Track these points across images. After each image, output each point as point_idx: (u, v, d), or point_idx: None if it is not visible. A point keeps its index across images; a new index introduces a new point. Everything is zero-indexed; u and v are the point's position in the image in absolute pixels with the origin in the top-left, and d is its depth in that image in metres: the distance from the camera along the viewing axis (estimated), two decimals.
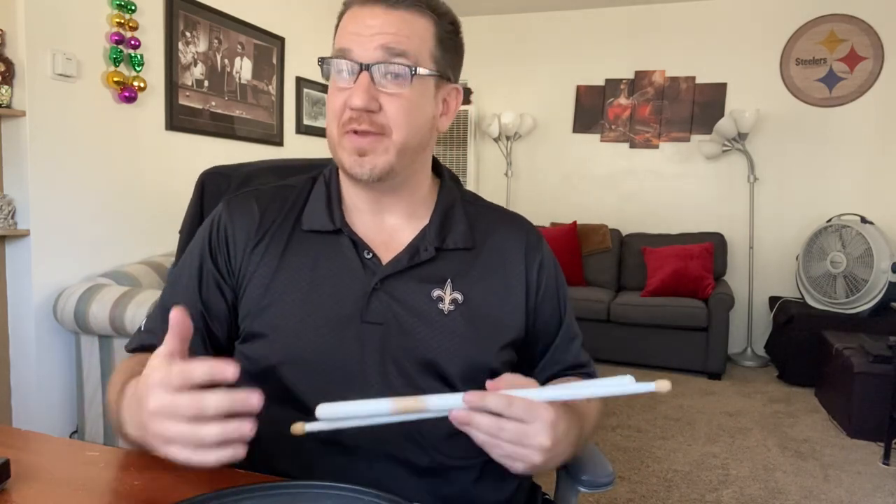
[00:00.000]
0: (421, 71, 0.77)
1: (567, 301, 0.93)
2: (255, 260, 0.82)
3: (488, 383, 0.66)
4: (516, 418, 0.63)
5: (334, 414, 0.64)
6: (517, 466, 0.66)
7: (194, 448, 0.56)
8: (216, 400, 0.55)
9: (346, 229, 0.83)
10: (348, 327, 0.78)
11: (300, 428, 0.64)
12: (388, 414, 0.64)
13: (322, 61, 0.79)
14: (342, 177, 0.86)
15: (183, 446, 0.56)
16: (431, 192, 0.89)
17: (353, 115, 0.76)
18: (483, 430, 0.63)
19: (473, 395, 0.62)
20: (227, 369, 0.55)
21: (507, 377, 0.66)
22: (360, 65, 0.75)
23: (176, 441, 0.56)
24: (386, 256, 0.82)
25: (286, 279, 0.81)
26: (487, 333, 0.82)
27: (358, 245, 0.82)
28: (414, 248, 0.83)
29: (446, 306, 0.81)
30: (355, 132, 0.76)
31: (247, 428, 0.55)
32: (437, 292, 0.81)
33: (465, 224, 0.87)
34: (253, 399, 0.56)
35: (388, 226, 0.85)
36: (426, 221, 0.85)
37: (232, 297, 0.83)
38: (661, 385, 0.60)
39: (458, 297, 0.81)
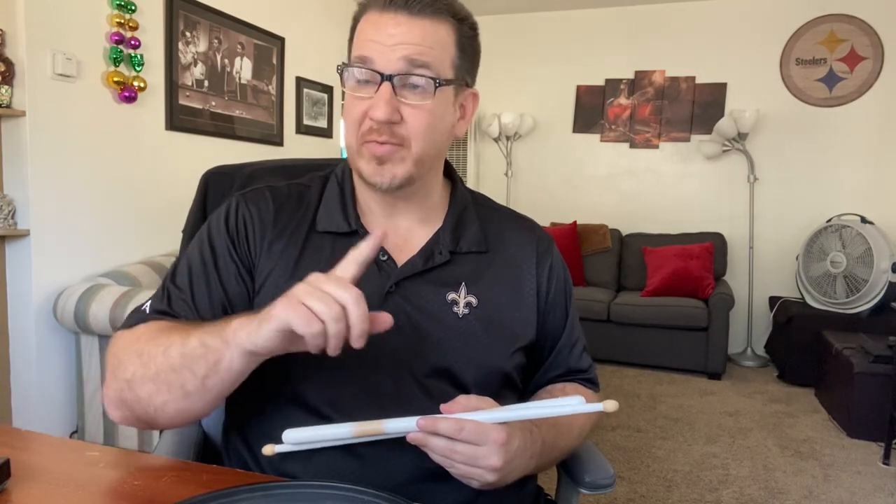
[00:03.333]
0: (444, 82, 0.75)
1: (573, 305, 0.93)
2: (272, 258, 0.81)
3: (442, 406, 0.68)
4: (467, 442, 0.65)
5: (299, 439, 0.69)
6: (472, 483, 0.69)
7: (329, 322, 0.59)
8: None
9: (362, 230, 0.82)
10: None
11: (270, 450, 0.68)
12: (350, 437, 0.69)
13: (342, 68, 0.77)
14: (356, 179, 0.85)
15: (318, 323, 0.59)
16: (444, 195, 0.88)
17: (373, 126, 0.75)
18: (437, 452, 0.66)
19: (426, 420, 0.65)
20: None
21: (461, 399, 0.69)
22: (382, 75, 0.73)
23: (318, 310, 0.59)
24: (400, 259, 0.81)
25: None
26: (501, 337, 0.82)
27: None
28: (428, 250, 0.82)
29: (461, 310, 0.80)
30: (375, 141, 0.75)
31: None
32: (451, 295, 0.81)
33: (477, 227, 0.86)
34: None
35: (402, 228, 0.84)
36: (439, 224, 0.85)
37: (251, 287, 0.81)
38: (609, 405, 0.64)
39: (473, 300, 0.81)
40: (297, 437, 0.69)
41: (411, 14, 0.74)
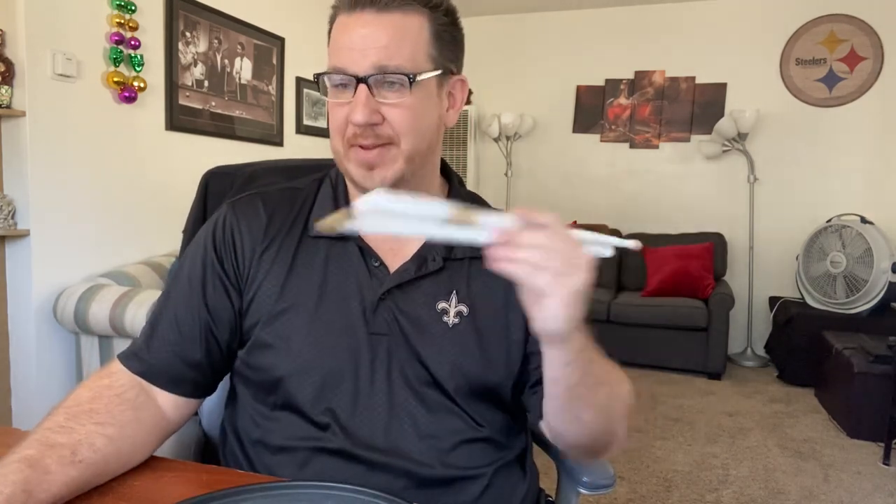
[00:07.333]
0: (420, 76, 0.73)
1: None
2: (264, 267, 0.80)
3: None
4: (563, 234, 0.59)
5: (378, 205, 0.55)
6: (551, 306, 0.59)
7: None
8: None
9: (353, 235, 0.81)
10: (356, 339, 0.77)
11: (332, 223, 0.54)
12: (443, 216, 0.57)
13: (317, 77, 0.77)
14: (349, 182, 0.84)
15: None
16: (440, 196, 0.86)
17: (356, 131, 0.74)
18: (537, 244, 0.58)
19: (524, 211, 0.59)
20: None
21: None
22: (356, 77, 0.72)
23: None
24: (393, 264, 0.80)
25: (296, 289, 0.79)
26: (492, 346, 0.80)
27: (365, 252, 0.80)
28: (421, 257, 0.81)
29: (451, 319, 0.79)
30: (361, 146, 0.74)
31: None
32: (441, 304, 0.79)
33: None
34: None
35: None
36: None
37: (238, 303, 0.80)
38: (632, 243, 0.69)
39: (464, 309, 0.80)
40: (376, 204, 0.55)
41: (378, 11, 0.72)
